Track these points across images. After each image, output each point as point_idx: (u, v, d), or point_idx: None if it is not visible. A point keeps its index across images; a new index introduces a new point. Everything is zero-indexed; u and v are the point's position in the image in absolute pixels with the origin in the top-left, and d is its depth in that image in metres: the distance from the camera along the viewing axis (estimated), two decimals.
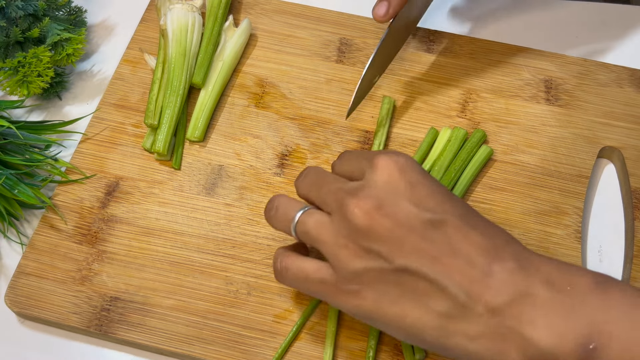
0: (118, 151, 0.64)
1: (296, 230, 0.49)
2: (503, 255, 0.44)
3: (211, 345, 0.55)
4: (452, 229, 0.45)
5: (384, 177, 0.46)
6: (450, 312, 0.43)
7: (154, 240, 0.59)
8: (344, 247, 0.46)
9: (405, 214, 0.45)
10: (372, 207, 0.45)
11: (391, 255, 0.44)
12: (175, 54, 0.65)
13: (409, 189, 0.46)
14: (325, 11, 0.72)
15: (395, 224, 0.44)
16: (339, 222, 0.46)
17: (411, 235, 0.44)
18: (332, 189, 0.48)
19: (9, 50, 0.66)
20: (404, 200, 0.45)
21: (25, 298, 0.57)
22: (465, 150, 0.62)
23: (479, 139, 0.63)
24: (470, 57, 0.69)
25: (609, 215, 0.62)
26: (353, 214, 0.45)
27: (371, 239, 0.45)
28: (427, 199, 0.46)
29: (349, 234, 0.46)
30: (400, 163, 0.47)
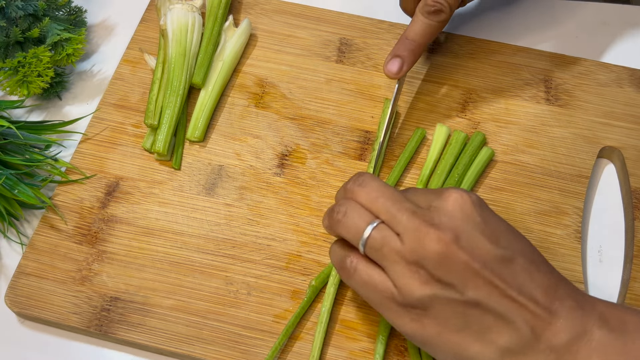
0: (118, 151, 0.64)
1: (366, 245, 0.48)
2: (562, 294, 0.46)
3: (211, 345, 0.55)
4: (519, 267, 0.46)
5: (457, 209, 0.47)
6: (513, 347, 0.45)
7: (154, 241, 0.59)
8: (414, 272, 0.46)
9: (480, 248, 0.46)
10: (451, 238, 0.45)
11: (463, 287, 0.45)
12: (175, 54, 0.65)
13: (482, 224, 0.47)
14: (325, 11, 0.72)
15: (470, 257, 0.45)
16: (412, 246, 0.46)
17: (484, 270, 0.45)
18: (405, 209, 0.48)
19: (9, 50, 0.66)
20: (479, 235, 0.46)
21: (25, 298, 0.57)
22: (466, 154, 0.62)
23: (480, 142, 0.63)
24: (470, 57, 0.69)
25: (609, 215, 0.62)
26: (432, 241, 0.45)
27: (445, 269, 0.45)
28: (499, 235, 0.47)
29: (421, 261, 0.46)
30: (473, 199, 0.48)
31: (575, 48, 0.72)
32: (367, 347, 0.55)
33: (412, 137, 0.64)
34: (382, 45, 0.70)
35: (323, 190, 0.62)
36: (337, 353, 0.55)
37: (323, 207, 0.61)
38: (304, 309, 0.56)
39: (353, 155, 0.64)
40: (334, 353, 0.55)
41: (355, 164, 0.63)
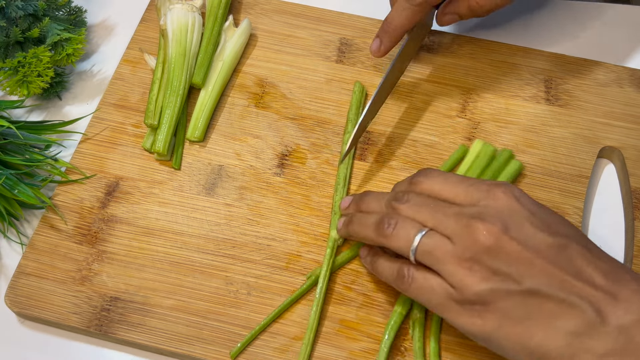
0: (118, 151, 0.64)
1: (417, 251, 0.49)
2: (624, 277, 0.46)
3: (211, 345, 0.55)
4: (575, 252, 0.46)
5: (503, 204, 0.48)
6: (579, 330, 0.44)
7: (154, 240, 0.59)
8: (469, 269, 0.47)
9: (531, 237, 0.46)
10: (500, 229, 0.46)
11: (520, 277, 0.46)
12: (175, 54, 0.65)
13: (530, 216, 0.48)
14: (325, 11, 0.72)
15: (523, 247, 0.46)
16: (463, 244, 0.47)
17: (539, 258, 0.46)
18: (451, 213, 0.49)
19: (9, 50, 0.66)
20: (528, 225, 0.47)
21: (25, 298, 0.57)
22: (491, 169, 0.61)
23: (506, 159, 0.62)
24: (470, 57, 0.69)
25: (609, 215, 0.62)
26: (482, 235, 0.46)
27: (499, 261, 0.46)
28: (550, 224, 0.48)
29: (474, 256, 0.47)
30: (517, 194, 0.49)
31: (575, 48, 0.72)
32: (367, 347, 0.55)
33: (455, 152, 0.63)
34: None
35: (323, 190, 0.62)
36: (337, 353, 0.55)
37: (323, 207, 0.61)
38: (292, 302, 0.56)
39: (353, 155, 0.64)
40: (334, 353, 0.55)
41: (355, 163, 0.63)
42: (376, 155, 0.64)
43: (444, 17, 0.65)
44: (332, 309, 0.56)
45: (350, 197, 0.58)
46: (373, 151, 0.64)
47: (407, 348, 0.55)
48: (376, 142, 0.64)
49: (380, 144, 0.64)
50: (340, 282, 0.58)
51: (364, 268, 0.58)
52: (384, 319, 0.56)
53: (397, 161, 0.63)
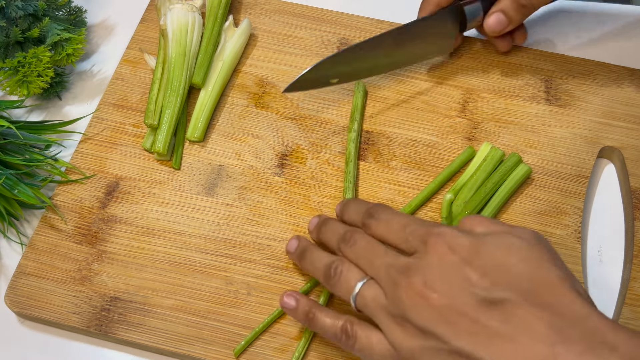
0: (118, 151, 0.64)
1: (355, 302, 0.49)
2: (571, 335, 0.40)
3: (211, 345, 0.55)
4: (511, 307, 0.42)
5: (435, 257, 0.45)
6: None
7: (154, 240, 0.59)
8: (400, 325, 0.45)
9: (459, 294, 0.43)
10: (426, 287, 0.44)
11: (446, 337, 0.43)
12: (175, 54, 0.65)
13: (463, 268, 0.44)
14: (325, 11, 0.72)
15: (449, 304, 0.43)
16: (393, 300, 0.46)
17: (466, 316, 0.43)
18: (384, 264, 0.48)
19: (9, 50, 0.66)
20: (459, 280, 0.44)
21: (25, 298, 0.57)
22: (498, 173, 0.60)
23: (514, 163, 0.61)
24: (470, 57, 0.69)
25: (609, 215, 0.62)
26: (406, 294, 0.45)
27: (426, 320, 0.44)
28: (484, 276, 0.43)
29: (404, 314, 0.45)
30: (453, 242, 0.45)
31: (576, 48, 0.72)
32: None
33: (461, 154, 0.63)
34: None
35: (323, 190, 0.62)
36: (338, 353, 0.55)
37: (323, 207, 0.61)
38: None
39: None
40: (335, 353, 0.55)
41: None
42: (376, 155, 0.64)
43: (489, 17, 0.64)
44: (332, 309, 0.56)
45: (316, 219, 0.58)
46: (373, 151, 0.64)
47: None
48: (376, 142, 0.64)
49: (380, 144, 0.64)
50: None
51: None
52: None
53: (397, 161, 0.63)
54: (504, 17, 0.64)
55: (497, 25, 0.64)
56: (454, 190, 0.60)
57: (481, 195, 0.59)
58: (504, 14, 0.64)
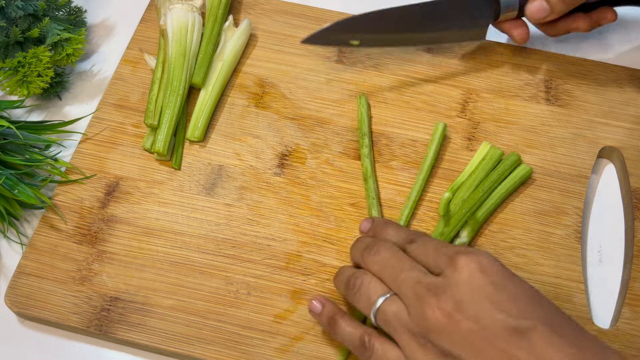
0: (118, 151, 0.64)
1: (376, 317, 0.48)
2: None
3: (211, 345, 0.55)
4: (537, 337, 0.42)
5: (465, 277, 0.44)
6: None
7: (154, 241, 0.59)
8: (422, 345, 0.45)
9: (488, 319, 0.43)
10: (454, 309, 0.43)
11: None
12: (175, 54, 0.65)
13: (492, 291, 0.44)
14: (325, 11, 0.72)
15: (478, 329, 0.43)
16: (417, 319, 0.45)
17: (493, 343, 0.42)
18: (410, 279, 0.46)
19: (9, 50, 0.66)
20: (487, 304, 0.43)
21: (25, 298, 0.57)
22: (497, 172, 0.61)
23: (513, 162, 0.61)
24: (470, 57, 0.69)
25: (609, 215, 0.62)
26: (434, 314, 0.44)
27: (450, 343, 0.43)
28: (512, 302, 0.44)
29: (425, 334, 0.44)
30: (483, 263, 0.45)
31: (575, 48, 0.72)
32: None
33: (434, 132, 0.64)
34: None
35: (323, 190, 0.62)
36: (338, 353, 0.55)
37: (323, 207, 0.61)
38: None
39: (353, 155, 0.64)
40: (334, 353, 0.55)
41: (355, 163, 0.63)
42: (376, 155, 0.64)
43: (532, 3, 0.62)
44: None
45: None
46: (373, 151, 0.64)
47: None
48: (376, 142, 0.64)
49: (380, 144, 0.64)
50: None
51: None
52: None
53: (397, 161, 0.63)
54: (546, 5, 0.62)
55: (538, 12, 0.62)
56: (452, 189, 0.60)
57: (479, 194, 0.59)
58: (547, 2, 0.62)
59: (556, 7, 0.62)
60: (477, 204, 0.59)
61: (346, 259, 0.59)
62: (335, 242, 0.59)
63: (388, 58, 0.69)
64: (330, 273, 0.58)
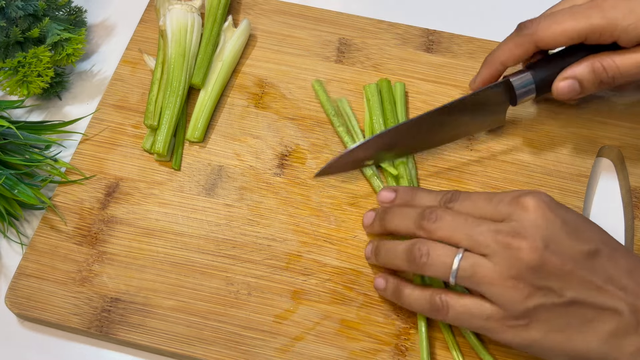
0: (118, 152, 0.64)
1: (456, 277, 0.49)
2: None
3: (212, 345, 0.55)
4: (605, 257, 0.48)
5: (538, 216, 0.48)
6: (615, 331, 0.47)
7: (154, 241, 0.59)
8: (513, 287, 0.47)
9: (569, 248, 0.48)
10: (541, 246, 0.47)
11: (562, 290, 0.47)
12: (174, 55, 0.65)
13: (564, 225, 0.48)
14: (324, 11, 0.72)
15: (563, 260, 0.47)
16: (504, 263, 0.48)
17: (576, 269, 0.47)
18: (486, 231, 0.49)
19: (9, 50, 0.66)
20: (565, 236, 0.48)
21: (25, 299, 0.57)
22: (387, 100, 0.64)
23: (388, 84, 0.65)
24: (469, 57, 0.69)
25: (609, 215, 0.62)
26: (525, 253, 0.47)
27: (543, 277, 0.47)
28: (581, 230, 0.49)
29: (518, 274, 0.47)
30: (548, 202, 0.49)
31: None
32: (367, 347, 0.55)
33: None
34: (381, 45, 0.70)
35: (323, 190, 0.62)
36: (338, 353, 0.55)
37: (323, 207, 0.61)
38: None
39: None
40: (335, 353, 0.55)
41: None
42: None
43: (560, 82, 0.58)
44: (332, 309, 0.57)
45: (371, 213, 0.58)
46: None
47: (407, 347, 0.55)
48: None
49: None
50: (340, 282, 0.58)
51: (364, 268, 0.58)
52: (384, 319, 0.56)
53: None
54: (578, 87, 0.58)
55: (568, 93, 0.58)
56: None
57: None
58: (579, 84, 0.58)
59: (588, 89, 0.58)
60: None
61: (346, 259, 0.59)
62: (336, 242, 0.59)
63: (388, 58, 0.69)
64: (330, 273, 0.58)
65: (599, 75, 0.57)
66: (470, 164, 0.63)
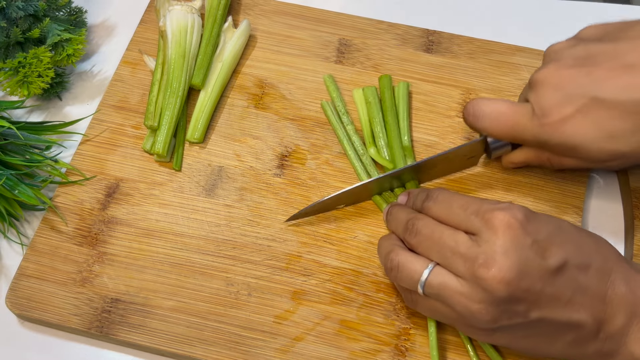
0: (118, 153, 0.64)
1: (424, 290, 0.50)
2: (615, 280, 0.48)
3: (212, 346, 0.55)
4: (574, 267, 0.48)
5: (507, 240, 0.47)
6: (578, 339, 0.48)
7: (155, 242, 0.59)
8: (478, 311, 0.48)
9: (538, 269, 0.47)
10: (510, 275, 0.46)
11: (528, 312, 0.47)
12: (174, 55, 0.65)
13: (534, 244, 0.47)
14: (324, 12, 0.72)
15: (532, 282, 0.46)
16: (472, 289, 0.47)
17: (545, 287, 0.47)
18: (457, 254, 0.48)
19: (10, 50, 0.66)
20: (534, 256, 0.47)
21: (26, 300, 0.57)
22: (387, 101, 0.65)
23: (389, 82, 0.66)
24: (469, 57, 0.69)
25: (609, 215, 0.62)
26: (492, 285, 0.46)
27: (510, 303, 0.47)
28: (549, 246, 0.48)
29: (484, 300, 0.47)
30: (520, 219, 0.48)
31: None
32: (367, 347, 0.55)
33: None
34: (381, 45, 0.70)
35: (323, 190, 0.62)
36: (338, 353, 0.55)
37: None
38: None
39: None
40: (335, 353, 0.55)
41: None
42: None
43: (510, 160, 0.61)
44: (332, 310, 0.57)
45: (388, 207, 0.58)
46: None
47: (407, 348, 0.55)
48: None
49: None
50: (340, 282, 0.58)
51: (364, 268, 0.58)
52: (384, 319, 0.56)
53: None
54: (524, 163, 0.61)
55: (516, 165, 0.62)
56: (370, 144, 0.63)
57: (393, 126, 0.63)
58: (527, 164, 0.61)
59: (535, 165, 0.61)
60: (395, 129, 0.62)
61: (346, 259, 0.59)
62: (336, 242, 0.60)
63: (388, 58, 0.69)
64: (330, 273, 0.58)
65: (543, 163, 0.59)
66: None
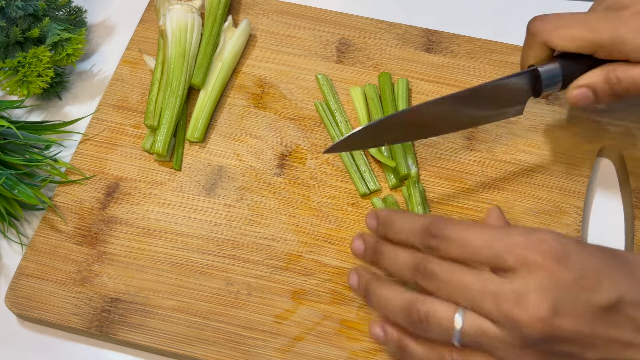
0: (118, 152, 0.64)
1: (460, 340, 0.45)
2: None
3: (212, 346, 0.55)
4: (629, 304, 0.43)
5: (545, 275, 0.42)
6: None
7: (155, 241, 0.59)
8: (527, 355, 0.43)
9: (585, 308, 0.42)
10: (548, 314, 0.42)
11: (583, 353, 0.43)
12: (174, 55, 0.65)
13: (574, 278, 0.43)
14: (324, 11, 0.72)
15: (579, 323, 0.42)
16: (511, 334, 0.43)
17: (597, 328, 0.42)
18: (489, 296, 0.43)
19: (9, 50, 0.66)
20: (579, 292, 0.42)
21: (25, 300, 0.57)
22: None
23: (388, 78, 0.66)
24: (469, 57, 0.69)
25: (609, 215, 0.62)
26: (529, 327, 0.42)
27: (556, 344, 0.43)
28: (595, 280, 0.43)
29: (526, 345, 0.43)
30: (554, 250, 0.43)
31: None
32: (367, 347, 0.55)
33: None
34: (381, 45, 0.70)
35: (323, 190, 0.62)
36: (339, 353, 0.55)
37: (323, 207, 0.61)
38: None
39: None
40: (335, 353, 0.55)
41: None
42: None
43: (574, 90, 0.56)
44: (332, 309, 0.57)
45: (359, 243, 0.53)
46: None
47: None
48: None
49: None
50: (340, 282, 0.58)
51: None
52: None
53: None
54: (591, 95, 0.56)
55: (581, 101, 0.56)
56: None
57: None
58: (593, 92, 0.56)
59: (602, 99, 0.56)
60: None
61: (346, 259, 0.59)
62: (336, 242, 0.59)
63: (388, 58, 0.69)
64: (330, 273, 0.58)
65: (612, 86, 0.54)
66: (471, 164, 0.63)
